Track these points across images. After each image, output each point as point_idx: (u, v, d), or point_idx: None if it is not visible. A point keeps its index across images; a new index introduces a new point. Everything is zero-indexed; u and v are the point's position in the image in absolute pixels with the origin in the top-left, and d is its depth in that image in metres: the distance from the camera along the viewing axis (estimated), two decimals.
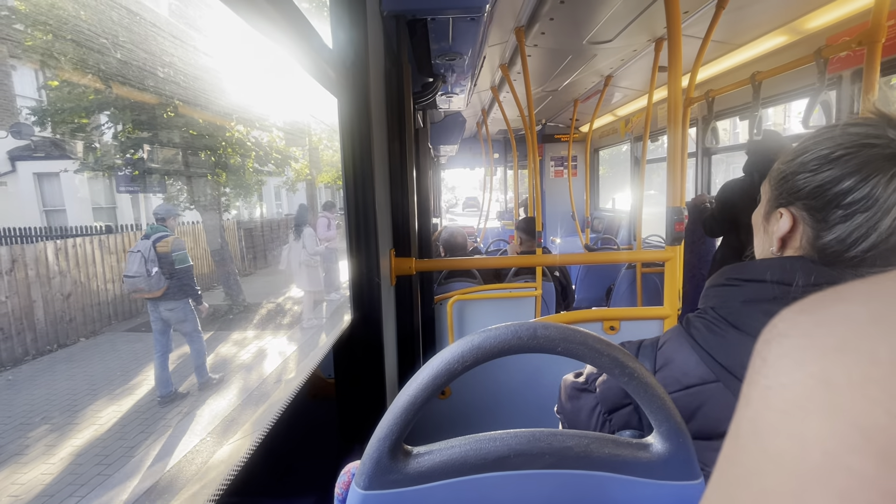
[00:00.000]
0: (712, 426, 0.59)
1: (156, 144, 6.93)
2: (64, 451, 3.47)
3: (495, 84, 3.44)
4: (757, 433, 0.14)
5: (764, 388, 0.15)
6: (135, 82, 5.92)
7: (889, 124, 0.52)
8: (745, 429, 0.15)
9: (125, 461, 3.26)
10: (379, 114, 1.32)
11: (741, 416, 0.16)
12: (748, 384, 0.16)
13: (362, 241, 1.21)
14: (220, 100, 7.40)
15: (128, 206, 11.14)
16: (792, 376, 0.14)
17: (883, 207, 0.50)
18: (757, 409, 0.15)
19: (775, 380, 0.14)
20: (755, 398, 0.15)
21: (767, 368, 0.15)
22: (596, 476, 0.42)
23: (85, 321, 6.14)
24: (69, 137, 6.49)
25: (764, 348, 0.16)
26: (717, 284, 0.64)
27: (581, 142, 5.42)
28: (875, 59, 1.31)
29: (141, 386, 4.60)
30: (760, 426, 0.14)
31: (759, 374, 0.15)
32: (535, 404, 1.55)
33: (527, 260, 2.38)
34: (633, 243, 3.93)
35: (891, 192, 0.50)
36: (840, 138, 0.54)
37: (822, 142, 0.55)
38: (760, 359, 0.16)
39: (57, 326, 5.73)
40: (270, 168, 8.91)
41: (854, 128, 0.54)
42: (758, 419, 0.15)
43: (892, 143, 0.51)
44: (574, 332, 0.40)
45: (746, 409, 0.15)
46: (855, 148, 0.52)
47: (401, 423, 0.40)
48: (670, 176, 1.47)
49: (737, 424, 0.16)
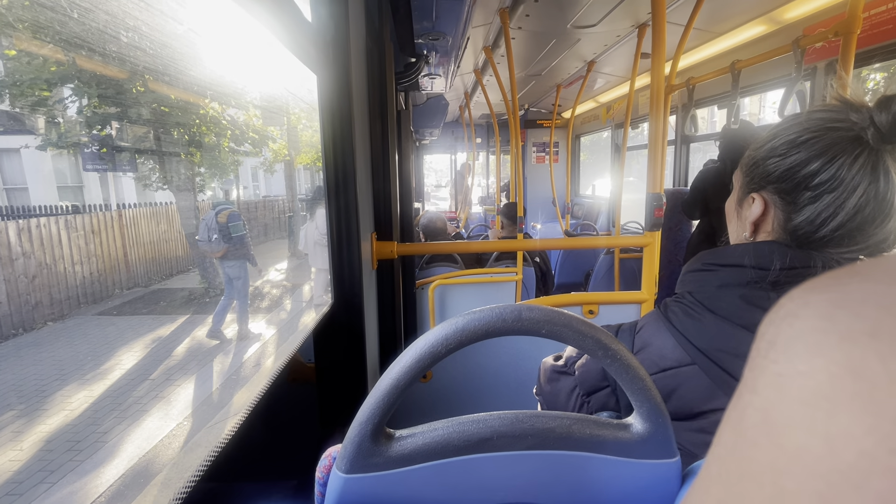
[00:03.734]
0: (687, 407, 0.61)
1: (124, 120, 6.62)
2: (33, 437, 3.37)
3: (478, 67, 3.40)
4: (770, 426, 0.13)
5: (775, 374, 0.13)
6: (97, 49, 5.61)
7: (851, 109, 0.54)
8: (754, 419, 0.14)
9: (98, 447, 3.20)
10: (360, 93, 1.28)
11: (747, 405, 0.14)
12: (752, 370, 0.14)
13: (343, 224, 1.18)
14: (193, 74, 7.09)
15: (96, 185, 10.68)
16: (811, 363, 0.12)
17: (848, 187, 0.52)
18: (768, 398, 0.13)
19: (790, 366, 0.13)
20: (765, 386, 0.14)
21: (777, 353, 0.14)
22: (577, 456, 0.42)
23: (52, 304, 5.92)
24: (30, 111, 6.14)
25: (770, 330, 0.14)
26: (694, 270, 0.66)
27: (563, 128, 5.43)
28: (850, 49, 1.34)
29: (113, 371, 4.49)
30: (774, 418, 0.13)
31: (767, 358, 0.14)
32: (516, 386, 1.58)
33: (508, 245, 2.39)
34: (612, 229, 3.99)
35: (855, 173, 0.52)
36: (806, 123, 0.56)
37: (790, 127, 0.57)
38: (766, 342, 0.14)
39: (22, 310, 5.51)
40: (247, 148, 8.64)
41: (819, 113, 0.56)
42: (770, 410, 0.13)
43: (854, 125, 0.53)
44: (558, 314, 0.40)
45: (753, 398, 0.14)
46: (820, 132, 0.54)
47: (383, 406, 0.40)
48: (651, 162, 1.49)
49: (740, 413, 0.14)
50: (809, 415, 0.12)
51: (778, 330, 0.14)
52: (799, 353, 0.13)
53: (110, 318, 6.19)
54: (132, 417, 3.60)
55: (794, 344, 0.13)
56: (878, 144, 0.51)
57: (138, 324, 5.94)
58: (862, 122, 0.52)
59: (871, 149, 0.52)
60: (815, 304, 0.13)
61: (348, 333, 1.24)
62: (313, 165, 12.46)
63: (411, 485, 0.42)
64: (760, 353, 0.14)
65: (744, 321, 0.57)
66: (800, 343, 0.13)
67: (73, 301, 6.27)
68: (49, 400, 3.94)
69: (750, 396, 0.14)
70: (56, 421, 3.60)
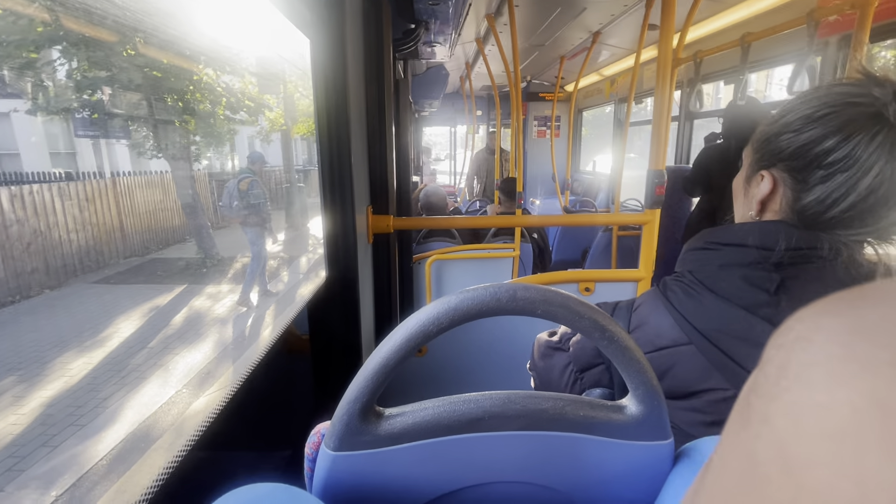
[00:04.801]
0: (681, 387, 0.61)
1: (115, 85, 6.43)
2: (34, 402, 3.42)
3: (480, 35, 3.29)
4: (788, 462, 0.12)
5: (790, 404, 0.12)
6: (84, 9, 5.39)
7: (874, 83, 0.51)
8: (768, 454, 0.12)
9: (99, 412, 3.25)
10: (356, 59, 1.23)
11: (758, 436, 0.13)
12: (760, 397, 0.13)
13: (337, 196, 1.16)
14: (185, 38, 6.86)
15: (89, 151, 10.50)
16: (832, 394, 0.11)
17: (863, 167, 0.50)
18: (784, 430, 0.12)
19: (807, 396, 0.12)
20: (778, 416, 0.12)
21: (790, 380, 0.12)
22: (569, 437, 0.42)
23: (48, 272, 5.91)
24: (17, 74, 5.96)
25: (779, 354, 0.13)
26: (696, 248, 0.64)
27: (565, 101, 5.32)
28: (866, 22, 1.29)
29: (112, 339, 4.52)
30: (793, 454, 0.12)
31: (779, 386, 0.13)
32: (511, 362, 1.59)
33: (506, 220, 2.37)
34: (611, 206, 3.96)
35: (871, 152, 0.50)
36: (825, 98, 0.53)
37: (807, 101, 0.55)
38: (776, 366, 0.13)
39: (18, 277, 5.50)
40: (243, 116, 8.46)
41: (839, 87, 0.53)
42: (787, 444, 0.12)
43: (876, 101, 0.50)
44: (554, 294, 0.38)
45: (764, 429, 0.13)
46: (839, 107, 0.52)
47: (371, 385, 0.39)
48: (654, 138, 1.45)
49: (752, 445, 0.13)
50: (834, 452, 0.11)
51: (789, 355, 0.13)
52: (817, 382, 0.12)
53: (108, 286, 6.20)
54: (131, 385, 3.65)
55: (811, 372, 0.12)
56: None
57: (136, 293, 5.96)
58: (884, 98, 0.50)
59: (892, 126, 0.49)
60: (829, 328, 0.12)
61: (343, 307, 1.23)
62: (311, 136, 12.25)
63: (401, 463, 0.42)
64: (770, 379, 0.13)
65: (744, 302, 0.56)
66: (817, 371, 0.12)
67: (69, 269, 6.26)
68: (49, 366, 3.98)
69: (760, 427, 0.13)
70: (57, 386, 3.65)
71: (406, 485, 0.43)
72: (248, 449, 1.35)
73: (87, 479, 2.54)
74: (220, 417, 0.84)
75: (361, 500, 0.43)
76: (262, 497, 0.35)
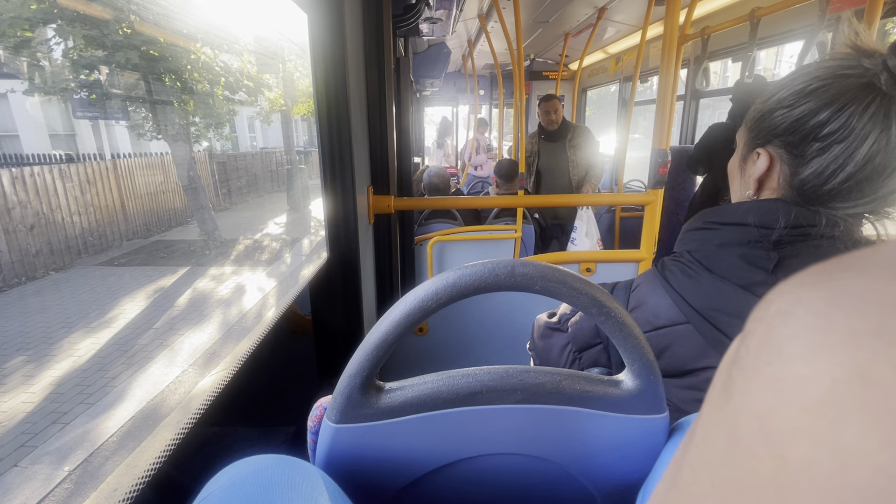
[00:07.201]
0: (678, 365, 0.61)
1: (112, 64, 6.33)
2: (44, 380, 3.49)
3: (483, 12, 3.21)
4: (769, 435, 0.12)
5: (771, 378, 0.12)
6: None
7: (863, 55, 0.51)
8: (749, 427, 0.12)
9: (107, 391, 3.31)
10: (355, 36, 1.21)
11: (740, 410, 0.13)
12: (741, 370, 0.13)
13: (338, 176, 1.15)
14: (182, 16, 6.73)
15: (88, 133, 10.42)
16: (812, 366, 0.11)
17: (859, 137, 0.50)
18: (765, 403, 0.12)
19: (788, 369, 0.12)
20: (760, 390, 0.12)
21: (771, 354, 0.12)
22: (565, 410, 0.43)
23: (52, 254, 5.94)
24: (13, 54, 5.87)
25: (760, 327, 0.13)
26: (695, 228, 0.64)
27: (570, 80, 5.22)
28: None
29: (118, 320, 4.57)
30: (773, 427, 0.12)
31: (759, 359, 0.12)
32: (511, 341, 1.60)
33: (507, 201, 2.36)
34: (614, 187, 3.93)
35: (866, 121, 0.50)
36: (816, 72, 0.54)
37: (798, 77, 0.55)
38: (757, 340, 0.13)
39: (24, 259, 5.53)
40: (242, 97, 8.35)
41: (829, 62, 0.53)
42: (769, 417, 0.12)
43: (867, 72, 0.50)
44: (552, 270, 0.38)
45: (747, 402, 0.13)
46: (831, 79, 0.52)
47: (372, 359, 0.40)
48: (658, 116, 1.43)
49: (733, 419, 0.13)
50: (814, 424, 0.11)
51: (770, 328, 0.13)
52: (797, 354, 0.12)
53: (112, 268, 6.24)
54: (138, 364, 3.71)
55: (791, 345, 0.12)
56: (891, 90, 0.49)
57: (140, 274, 5.99)
58: (875, 68, 0.50)
59: (885, 95, 0.49)
60: (808, 300, 0.12)
61: (344, 287, 1.24)
62: (311, 116, 12.12)
63: (401, 435, 0.43)
64: (751, 353, 0.13)
65: (742, 281, 0.56)
66: (797, 344, 0.12)
67: (73, 251, 6.29)
68: (57, 346, 4.04)
69: (742, 400, 0.13)
70: (65, 366, 3.71)
71: (406, 456, 0.44)
72: (254, 425, 1.38)
73: (98, 454, 2.61)
74: (224, 394, 0.86)
75: (362, 472, 0.44)
76: (265, 468, 0.36)
